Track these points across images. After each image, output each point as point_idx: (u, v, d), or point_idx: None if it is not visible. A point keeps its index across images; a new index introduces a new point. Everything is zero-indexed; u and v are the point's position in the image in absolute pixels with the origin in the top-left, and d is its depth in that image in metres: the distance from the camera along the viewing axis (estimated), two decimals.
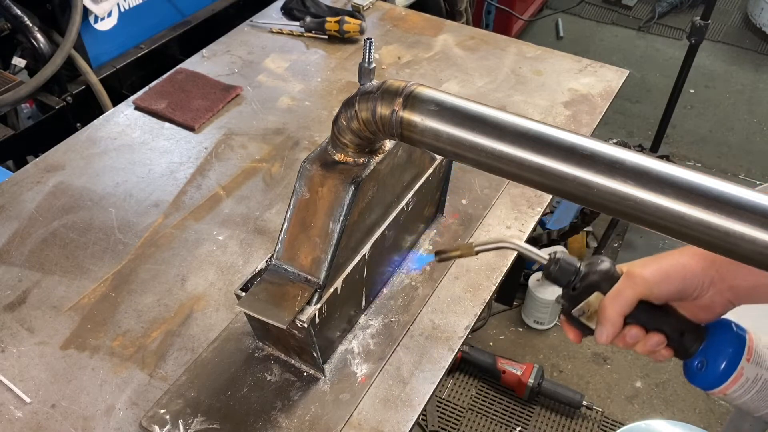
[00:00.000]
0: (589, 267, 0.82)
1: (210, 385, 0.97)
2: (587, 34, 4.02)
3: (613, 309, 0.78)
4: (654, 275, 0.78)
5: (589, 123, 1.49)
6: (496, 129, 0.68)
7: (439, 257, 0.88)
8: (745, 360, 0.79)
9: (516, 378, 2.18)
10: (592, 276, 0.81)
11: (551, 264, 0.82)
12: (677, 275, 0.78)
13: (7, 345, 1.03)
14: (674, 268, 0.78)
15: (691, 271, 0.77)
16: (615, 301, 0.79)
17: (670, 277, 0.78)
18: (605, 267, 0.81)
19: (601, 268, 0.81)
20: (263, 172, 1.35)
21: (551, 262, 0.82)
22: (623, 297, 0.78)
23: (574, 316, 0.83)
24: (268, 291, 0.89)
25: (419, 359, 1.02)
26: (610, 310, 0.79)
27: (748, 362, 0.79)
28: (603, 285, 0.80)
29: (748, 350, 0.79)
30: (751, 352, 0.79)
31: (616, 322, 0.79)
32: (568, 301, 0.83)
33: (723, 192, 0.58)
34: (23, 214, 1.24)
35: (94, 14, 1.59)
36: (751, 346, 0.79)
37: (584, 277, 0.81)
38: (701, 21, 2.51)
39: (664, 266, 0.78)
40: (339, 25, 1.69)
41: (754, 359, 0.79)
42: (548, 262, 0.83)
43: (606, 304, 0.79)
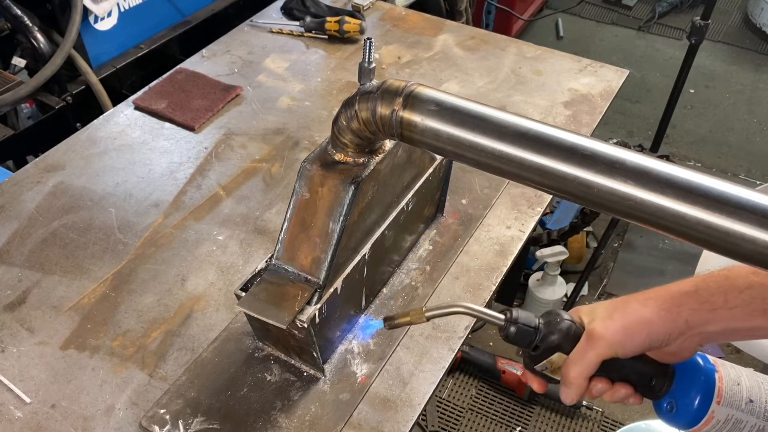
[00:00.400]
0: (548, 327, 0.79)
1: (210, 385, 0.97)
2: (587, 34, 4.02)
3: (577, 372, 0.77)
4: (616, 336, 0.75)
5: (589, 123, 1.49)
6: (496, 129, 0.68)
7: (388, 324, 0.84)
8: (715, 403, 0.77)
9: (516, 378, 2.18)
10: (552, 337, 0.78)
11: (509, 325, 0.79)
12: (641, 332, 0.75)
13: (7, 345, 1.03)
14: (638, 326, 0.75)
15: (655, 326, 0.75)
16: (577, 365, 0.77)
17: (633, 335, 0.75)
18: (565, 326, 0.78)
19: (561, 327, 0.78)
20: (263, 172, 1.35)
21: (508, 323, 0.79)
22: (585, 361, 0.76)
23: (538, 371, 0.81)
24: (268, 291, 0.89)
25: (419, 359, 1.02)
26: (573, 373, 0.77)
27: (719, 405, 0.77)
28: (564, 345, 0.78)
29: (717, 392, 0.77)
30: (720, 393, 0.77)
31: (581, 384, 0.77)
32: (531, 359, 0.81)
33: (723, 192, 0.58)
34: (23, 214, 1.24)
35: (94, 14, 1.59)
36: (720, 387, 0.78)
37: (544, 337, 0.78)
38: (701, 21, 2.51)
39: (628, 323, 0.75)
40: (339, 25, 1.69)
41: (724, 401, 0.77)
42: (505, 323, 0.80)
43: (569, 368, 0.77)
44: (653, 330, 0.74)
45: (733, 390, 0.78)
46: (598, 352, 0.75)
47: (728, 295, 0.73)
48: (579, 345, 0.77)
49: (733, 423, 0.78)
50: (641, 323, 0.75)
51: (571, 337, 0.78)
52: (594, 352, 0.75)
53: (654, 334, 0.75)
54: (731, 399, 0.78)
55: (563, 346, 0.78)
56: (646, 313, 0.75)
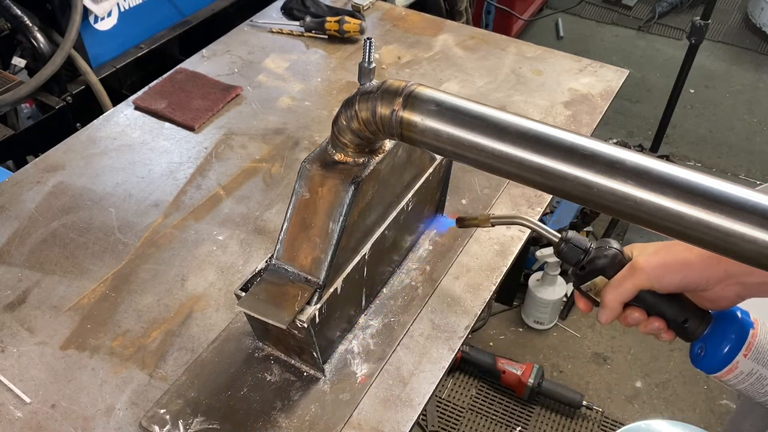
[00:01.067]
0: (598, 251, 0.85)
1: (210, 385, 0.97)
2: (587, 34, 4.02)
3: (613, 296, 0.82)
4: (655, 270, 0.80)
5: (589, 123, 1.49)
6: (496, 129, 0.68)
7: (459, 223, 1.02)
8: (742, 355, 0.81)
9: (516, 378, 2.18)
10: (598, 260, 0.85)
11: (562, 243, 0.87)
12: (679, 272, 0.79)
13: (7, 345, 1.03)
14: (677, 265, 0.79)
15: (694, 269, 0.79)
16: (615, 290, 0.82)
17: (672, 272, 0.79)
18: (612, 253, 0.84)
19: (608, 253, 0.84)
20: (263, 172, 1.35)
21: (562, 241, 0.87)
22: (623, 288, 0.82)
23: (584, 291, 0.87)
24: (268, 291, 0.89)
25: (419, 359, 1.02)
26: (610, 297, 0.83)
27: (745, 357, 0.81)
28: (608, 271, 0.84)
29: (747, 346, 0.81)
30: (750, 347, 0.81)
31: (616, 308, 0.83)
32: (577, 278, 0.87)
33: (723, 192, 0.58)
34: (23, 214, 1.24)
35: (94, 14, 1.59)
36: (752, 342, 0.81)
37: (591, 260, 0.85)
38: (701, 21, 2.51)
39: (669, 261, 0.80)
40: (339, 25, 1.69)
41: (752, 355, 0.80)
42: (559, 240, 0.87)
43: (607, 291, 0.83)
44: (690, 272, 0.79)
45: (764, 348, 0.81)
46: (636, 282, 0.81)
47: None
48: (620, 273, 0.83)
49: (757, 377, 0.81)
50: (681, 263, 0.79)
51: (615, 264, 0.84)
52: (632, 281, 0.81)
53: (691, 277, 0.79)
54: (759, 354, 0.81)
55: (607, 271, 0.84)
56: (688, 255, 0.79)
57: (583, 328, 2.47)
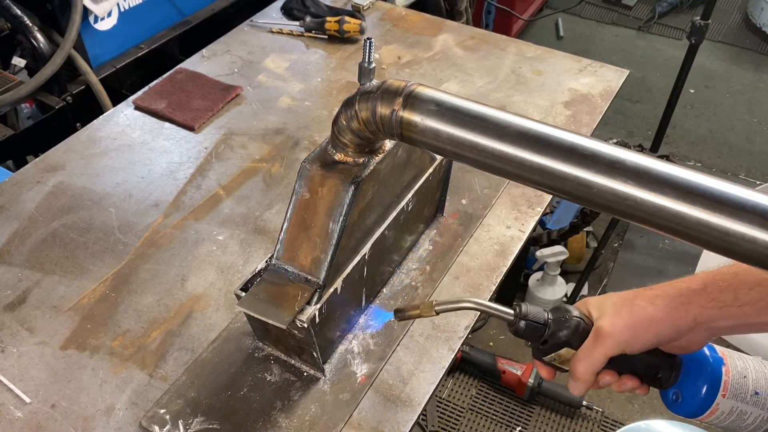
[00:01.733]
0: (557, 324, 0.81)
1: (210, 385, 0.97)
2: (587, 34, 4.02)
3: (584, 368, 0.79)
4: (624, 334, 0.76)
5: (589, 123, 1.49)
6: (496, 129, 0.68)
7: (398, 316, 0.86)
8: (720, 396, 0.79)
9: (516, 378, 2.18)
10: (560, 333, 0.80)
11: (518, 320, 0.81)
12: (648, 331, 0.76)
13: (7, 345, 1.03)
14: (645, 324, 0.76)
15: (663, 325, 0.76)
16: (585, 362, 0.78)
17: (641, 334, 0.76)
18: (573, 323, 0.80)
19: (570, 324, 0.80)
20: (263, 172, 1.35)
21: (518, 318, 0.81)
22: (593, 358, 0.78)
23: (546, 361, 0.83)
24: (268, 291, 0.89)
25: (419, 359, 1.02)
26: (581, 369, 0.79)
27: (724, 398, 0.79)
28: (573, 341, 0.80)
29: (723, 385, 0.79)
30: (726, 387, 0.79)
31: (589, 380, 0.79)
32: (539, 352, 0.83)
33: (723, 192, 0.58)
34: (23, 214, 1.24)
35: (94, 14, 1.59)
36: (726, 380, 0.79)
37: (553, 333, 0.80)
38: (701, 21, 2.51)
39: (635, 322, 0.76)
40: (339, 25, 1.69)
41: (729, 393, 0.79)
42: (514, 318, 0.81)
43: (577, 364, 0.79)
44: (661, 328, 0.76)
45: (739, 383, 0.79)
46: (606, 351, 0.77)
47: (738, 293, 0.73)
48: (587, 342, 0.79)
49: (738, 414, 0.80)
50: (649, 322, 0.76)
51: (579, 334, 0.80)
52: (601, 349, 0.77)
53: (662, 333, 0.76)
54: (737, 391, 0.79)
55: (572, 342, 0.80)
56: (653, 311, 0.76)
57: None
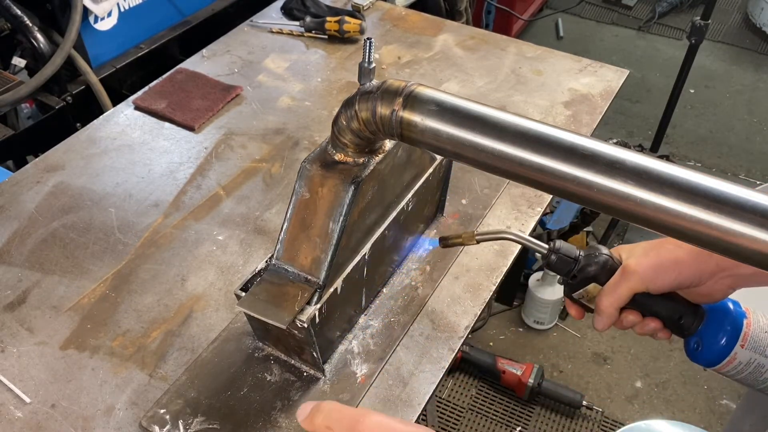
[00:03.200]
0: (588, 259, 0.84)
1: (210, 385, 0.97)
2: (587, 34, 4.02)
3: (609, 302, 0.82)
4: (648, 272, 0.80)
5: (589, 123, 1.49)
6: (496, 129, 0.68)
7: (443, 243, 0.95)
8: (739, 346, 0.82)
9: (516, 378, 2.18)
10: (589, 268, 0.84)
11: (550, 254, 0.86)
12: (672, 271, 0.79)
13: (7, 345, 1.03)
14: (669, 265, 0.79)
15: (686, 266, 0.79)
16: (610, 296, 0.82)
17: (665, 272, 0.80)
18: (602, 260, 0.84)
19: (599, 260, 0.84)
20: (263, 172, 1.35)
21: (550, 252, 0.86)
22: (617, 293, 0.81)
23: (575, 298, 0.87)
24: (268, 291, 0.89)
25: (419, 359, 1.02)
26: (605, 303, 0.82)
27: (742, 348, 0.82)
28: (600, 277, 0.84)
29: (743, 336, 0.82)
30: (746, 338, 0.82)
31: (612, 314, 0.83)
32: (568, 287, 0.87)
33: (723, 192, 0.58)
34: (23, 214, 1.24)
35: (94, 14, 1.59)
36: (747, 332, 0.82)
37: (582, 268, 0.84)
38: (701, 21, 2.51)
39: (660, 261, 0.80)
40: (339, 25, 1.69)
41: (748, 345, 0.82)
42: (548, 251, 0.86)
43: (602, 298, 0.83)
44: (683, 270, 0.79)
45: (759, 336, 0.82)
46: (630, 286, 0.80)
47: None
48: (613, 278, 0.82)
49: (755, 366, 0.82)
50: (673, 262, 0.79)
51: (607, 270, 0.83)
52: (626, 285, 0.81)
53: (684, 274, 0.79)
54: (756, 344, 0.82)
55: (599, 278, 0.84)
56: (679, 253, 0.79)
57: (583, 328, 2.47)
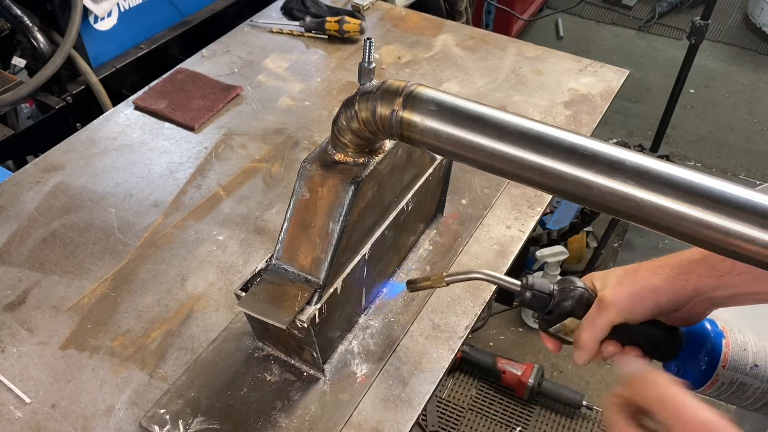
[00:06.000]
0: (563, 293, 0.82)
1: (210, 385, 0.97)
2: (587, 34, 4.02)
3: (588, 337, 0.80)
4: (625, 302, 0.78)
5: (589, 123, 1.49)
6: (496, 129, 0.68)
7: (410, 287, 0.89)
8: (720, 368, 0.81)
9: (516, 378, 2.18)
10: (565, 303, 0.82)
11: (524, 291, 0.83)
12: (649, 299, 0.78)
13: (7, 345, 1.03)
14: (646, 293, 0.78)
15: (663, 293, 0.77)
16: (589, 330, 0.80)
17: (642, 302, 0.78)
18: (578, 293, 0.82)
19: (574, 294, 0.82)
20: (263, 172, 1.35)
21: (524, 289, 0.83)
22: (596, 327, 0.79)
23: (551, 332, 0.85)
24: (268, 291, 0.89)
25: (419, 359, 1.02)
26: (584, 338, 0.80)
27: (724, 369, 0.81)
28: (577, 311, 0.82)
29: (723, 357, 0.81)
30: (726, 359, 0.81)
31: (592, 349, 0.81)
32: (544, 322, 0.85)
33: (723, 192, 0.58)
34: (23, 214, 1.24)
35: (94, 14, 1.59)
36: (726, 353, 0.81)
37: (558, 303, 0.82)
38: (701, 21, 2.51)
39: (637, 290, 0.78)
40: (339, 25, 1.69)
41: (729, 365, 0.81)
42: (521, 288, 0.83)
43: (581, 333, 0.81)
44: (661, 297, 0.77)
45: (739, 355, 0.81)
46: (608, 319, 0.79)
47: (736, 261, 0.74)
48: (590, 311, 0.80)
49: (738, 386, 0.82)
50: (650, 291, 0.78)
51: (583, 304, 0.81)
52: (604, 318, 0.79)
53: (662, 301, 0.78)
54: (736, 364, 0.81)
55: (576, 312, 0.82)
56: (654, 280, 0.78)
57: None
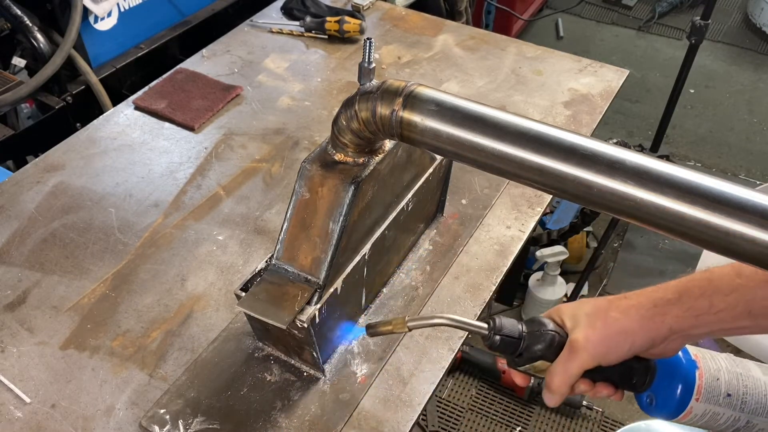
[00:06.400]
0: (532, 337, 0.80)
1: (210, 385, 0.97)
2: (587, 34, 4.02)
3: (560, 381, 0.78)
4: (598, 348, 0.76)
5: (589, 123, 1.49)
6: (496, 129, 0.68)
7: (370, 332, 0.84)
8: (693, 400, 0.80)
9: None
10: (535, 347, 0.79)
11: (492, 334, 0.80)
12: (624, 342, 0.76)
13: (7, 345, 1.03)
14: (620, 337, 0.75)
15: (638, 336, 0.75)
16: (560, 374, 0.78)
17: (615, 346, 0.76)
18: (548, 337, 0.79)
19: (545, 338, 0.79)
20: (263, 172, 1.35)
21: (491, 332, 0.80)
22: (568, 373, 0.77)
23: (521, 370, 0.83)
24: (268, 291, 0.89)
25: (419, 359, 1.02)
26: (556, 383, 0.78)
27: (697, 402, 0.80)
28: (547, 355, 0.79)
29: (696, 390, 0.80)
30: (700, 391, 0.80)
31: (564, 392, 0.79)
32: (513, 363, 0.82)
33: (723, 192, 0.58)
34: (23, 214, 1.24)
35: (94, 14, 1.59)
36: (700, 385, 0.80)
37: (528, 347, 0.79)
38: (701, 21, 2.51)
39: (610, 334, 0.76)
40: (339, 25, 1.69)
41: (703, 397, 0.80)
42: (488, 332, 0.80)
43: (552, 378, 0.78)
44: (636, 339, 0.75)
45: (712, 386, 0.80)
46: (581, 364, 0.77)
47: (713, 300, 0.73)
48: (562, 355, 0.78)
49: (711, 416, 0.81)
50: (623, 334, 0.75)
51: (554, 347, 0.79)
52: (577, 363, 0.77)
53: (637, 343, 0.76)
54: (710, 395, 0.80)
55: (547, 356, 0.79)
56: (627, 323, 0.75)
57: None
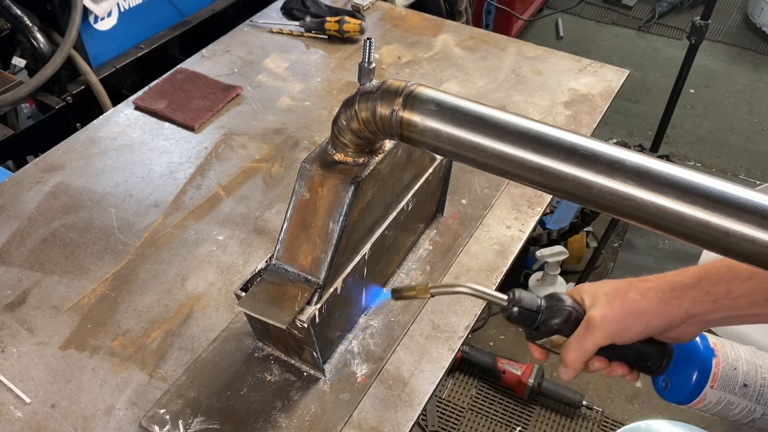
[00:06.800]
0: (550, 311, 0.81)
1: (210, 385, 0.97)
2: (587, 34, 4.02)
3: (575, 356, 0.79)
4: (614, 326, 0.77)
5: (589, 123, 1.49)
6: (496, 129, 0.68)
7: (395, 295, 0.87)
8: (708, 387, 0.80)
9: (516, 378, 2.17)
10: (553, 321, 0.80)
11: (511, 306, 0.81)
12: (639, 323, 0.76)
13: (7, 345, 1.03)
14: (636, 317, 0.76)
15: (654, 317, 0.76)
16: (576, 351, 0.79)
17: (632, 325, 0.77)
18: (566, 312, 0.80)
19: (562, 313, 0.80)
20: (263, 172, 1.35)
21: (511, 304, 0.81)
22: (583, 348, 0.78)
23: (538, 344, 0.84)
24: (268, 291, 0.89)
25: (419, 359, 1.02)
26: (571, 357, 0.79)
27: (712, 389, 0.80)
28: (564, 329, 0.81)
29: (712, 377, 0.80)
30: (715, 378, 0.80)
31: (578, 367, 0.80)
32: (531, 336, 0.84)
33: (723, 192, 0.58)
34: (23, 214, 1.24)
35: (94, 14, 1.59)
36: (716, 372, 0.80)
37: (545, 320, 0.81)
38: (701, 21, 2.51)
39: (627, 313, 0.76)
40: (339, 25, 1.69)
41: (718, 385, 0.80)
42: (507, 303, 0.81)
43: (567, 352, 0.80)
44: (652, 320, 0.76)
45: (728, 375, 0.81)
46: (596, 341, 0.78)
47: (731, 285, 0.74)
48: (578, 331, 0.79)
49: (725, 404, 0.81)
50: (640, 314, 0.76)
51: (571, 323, 0.80)
52: (592, 339, 0.78)
53: (652, 324, 0.77)
54: (725, 383, 0.80)
55: (563, 330, 0.81)
56: (645, 304, 0.76)
57: None
